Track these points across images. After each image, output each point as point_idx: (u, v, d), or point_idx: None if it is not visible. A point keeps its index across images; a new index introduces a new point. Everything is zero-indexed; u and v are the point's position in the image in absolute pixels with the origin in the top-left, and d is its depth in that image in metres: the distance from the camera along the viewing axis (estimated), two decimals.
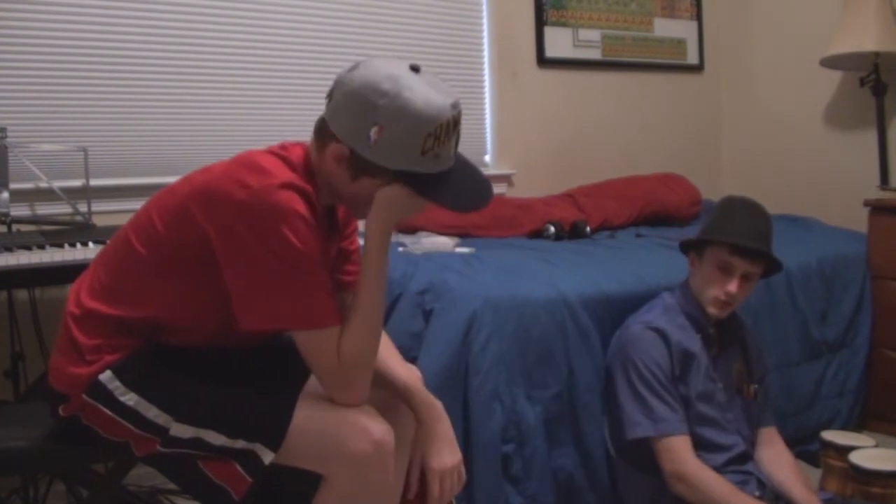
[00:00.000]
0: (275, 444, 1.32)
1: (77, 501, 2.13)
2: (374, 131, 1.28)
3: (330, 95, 1.35)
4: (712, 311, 1.99)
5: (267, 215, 1.25)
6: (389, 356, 1.56)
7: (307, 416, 1.33)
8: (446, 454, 1.46)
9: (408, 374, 1.55)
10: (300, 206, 1.27)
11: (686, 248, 2.09)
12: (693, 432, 1.94)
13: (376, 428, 1.33)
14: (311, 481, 1.37)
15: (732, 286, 1.95)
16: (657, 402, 1.93)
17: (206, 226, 1.29)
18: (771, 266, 2.02)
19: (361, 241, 1.65)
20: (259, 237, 1.25)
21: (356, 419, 1.32)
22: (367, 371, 1.35)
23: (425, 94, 1.28)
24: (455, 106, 1.31)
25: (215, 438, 1.33)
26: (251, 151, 1.36)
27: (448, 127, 1.30)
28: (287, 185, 1.27)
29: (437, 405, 1.51)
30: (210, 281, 1.32)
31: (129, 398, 1.34)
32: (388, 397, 1.57)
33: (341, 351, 1.31)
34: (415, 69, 1.32)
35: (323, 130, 1.35)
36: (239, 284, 1.29)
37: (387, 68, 1.30)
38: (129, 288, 1.37)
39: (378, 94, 1.27)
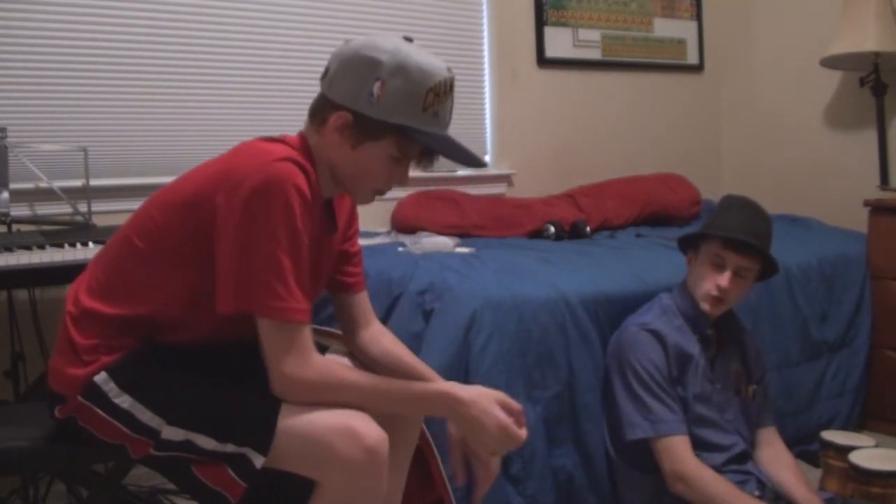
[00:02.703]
0: (264, 447, 1.30)
1: (77, 501, 2.13)
2: (376, 86, 1.32)
3: (325, 73, 1.40)
4: (705, 307, 1.99)
5: (263, 187, 1.26)
6: (405, 353, 1.59)
7: (298, 421, 1.31)
8: (474, 437, 1.45)
9: (426, 368, 1.57)
10: (300, 179, 1.29)
11: (684, 247, 2.09)
12: (691, 433, 1.94)
13: (369, 434, 1.30)
14: (306, 487, 1.37)
15: (724, 280, 1.95)
16: (655, 403, 1.93)
17: (210, 212, 1.30)
18: (768, 268, 2.02)
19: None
20: (253, 209, 1.26)
21: (348, 424, 1.30)
22: (310, 398, 1.33)
23: (423, 54, 1.36)
24: (449, 70, 1.38)
25: (205, 442, 1.32)
26: (248, 141, 1.39)
27: (446, 86, 1.36)
28: (286, 159, 1.29)
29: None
30: (208, 275, 1.32)
31: (123, 400, 1.33)
32: None
33: (310, 363, 1.31)
34: (408, 39, 1.39)
35: (320, 107, 1.39)
36: (224, 263, 1.29)
37: (383, 34, 1.38)
38: (127, 285, 1.37)
39: (380, 52, 1.33)
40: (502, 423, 1.38)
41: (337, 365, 1.37)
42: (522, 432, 1.40)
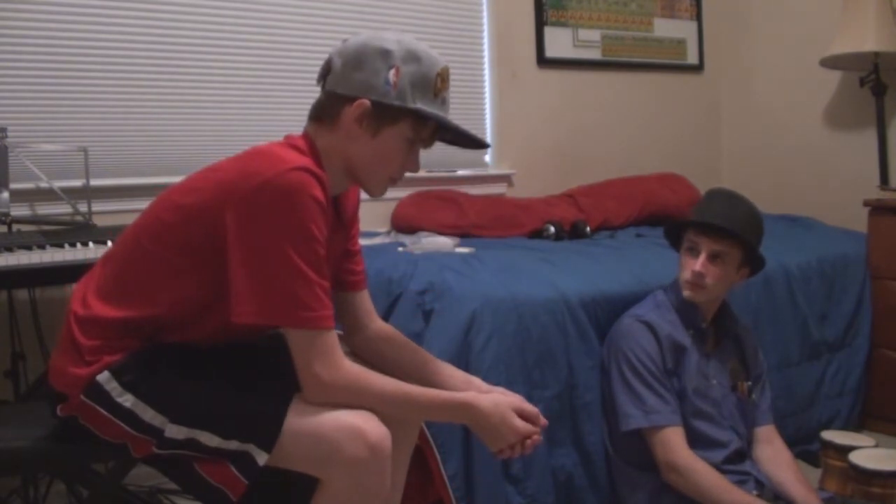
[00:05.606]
0: (268, 445, 1.31)
1: (77, 501, 2.13)
2: (391, 73, 1.37)
3: (326, 71, 1.43)
4: (686, 293, 2.01)
5: (282, 198, 1.27)
6: (418, 349, 1.63)
7: (302, 419, 1.32)
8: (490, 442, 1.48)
9: (440, 362, 1.61)
10: (315, 190, 1.30)
11: (675, 244, 2.12)
12: (689, 425, 1.95)
13: (373, 431, 1.30)
14: (310, 484, 1.37)
15: (697, 265, 1.97)
16: (648, 393, 1.94)
17: (224, 217, 1.29)
18: (755, 258, 2.02)
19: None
20: (273, 221, 1.26)
21: (352, 422, 1.30)
22: (339, 401, 1.34)
23: (423, 44, 1.43)
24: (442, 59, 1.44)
25: (209, 440, 1.33)
26: (259, 145, 1.39)
27: (447, 73, 1.43)
28: (301, 168, 1.30)
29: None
30: (218, 278, 1.32)
31: (126, 399, 1.33)
32: None
33: (339, 366, 1.32)
34: None
35: (328, 104, 1.42)
36: (242, 273, 1.28)
37: (379, 31, 1.44)
38: (136, 286, 1.37)
39: (387, 42, 1.39)
40: (520, 432, 1.45)
41: (365, 371, 1.37)
42: (537, 436, 1.48)
